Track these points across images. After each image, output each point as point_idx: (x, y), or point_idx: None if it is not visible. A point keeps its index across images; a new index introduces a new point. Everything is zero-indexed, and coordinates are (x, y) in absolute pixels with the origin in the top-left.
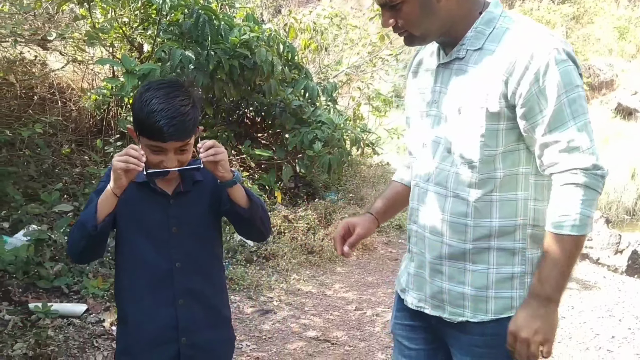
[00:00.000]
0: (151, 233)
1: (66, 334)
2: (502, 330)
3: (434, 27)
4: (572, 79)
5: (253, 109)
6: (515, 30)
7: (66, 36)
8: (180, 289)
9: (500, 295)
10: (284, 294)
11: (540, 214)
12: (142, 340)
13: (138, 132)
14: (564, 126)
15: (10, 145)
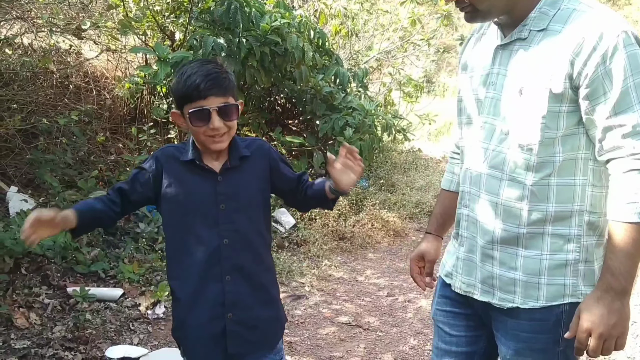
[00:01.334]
0: (199, 210)
1: (103, 317)
2: (552, 317)
3: (499, 3)
4: (639, 62)
5: (284, 96)
6: (582, 11)
7: (100, 25)
8: (227, 265)
9: (552, 282)
10: (315, 280)
11: (598, 200)
12: (191, 316)
13: (182, 104)
14: (630, 110)
15: (48, 134)
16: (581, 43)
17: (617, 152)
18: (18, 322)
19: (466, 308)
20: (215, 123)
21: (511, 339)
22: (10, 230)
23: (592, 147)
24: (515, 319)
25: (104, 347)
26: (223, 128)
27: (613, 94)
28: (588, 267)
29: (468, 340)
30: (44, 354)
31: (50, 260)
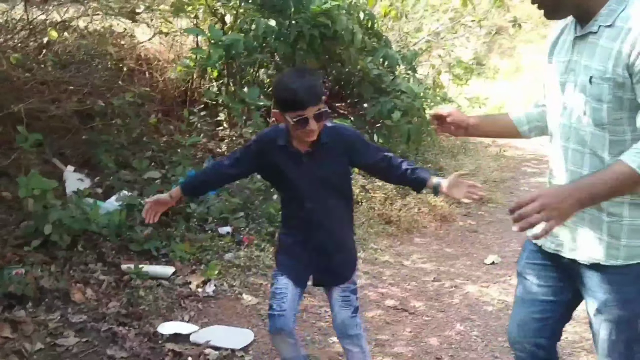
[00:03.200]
0: (289, 183)
1: (156, 294)
2: (632, 272)
3: (566, 2)
4: None
5: (332, 78)
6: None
7: (153, 8)
8: (313, 223)
9: (630, 244)
10: (361, 263)
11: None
12: (286, 247)
13: (283, 111)
14: None
15: (103, 115)
16: (637, 36)
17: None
18: (75, 297)
19: (554, 261)
20: (312, 127)
21: (598, 289)
22: (67, 209)
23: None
24: (599, 272)
25: (156, 323)
26: (316, 128)
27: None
28: None
29: (555, 290)
30: (100, 328)
31: (106, 238)
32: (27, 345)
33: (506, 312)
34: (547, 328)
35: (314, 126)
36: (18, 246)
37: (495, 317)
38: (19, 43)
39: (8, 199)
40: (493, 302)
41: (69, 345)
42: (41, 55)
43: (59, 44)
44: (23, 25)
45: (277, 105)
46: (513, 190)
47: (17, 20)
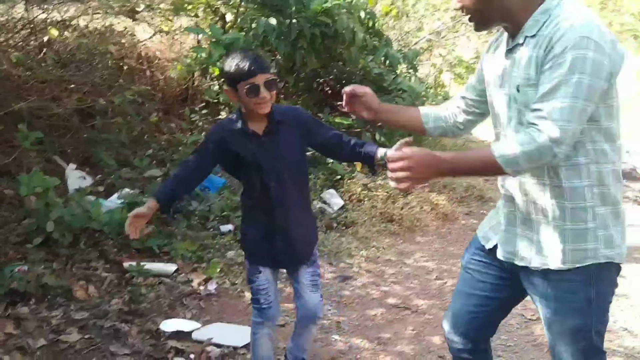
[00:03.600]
0: (250, 165)
1: (158, 292)
2: (578, 276)
3: (492, 14)
4: (584, 65)
5: (333, 77)
6: (560, 17)
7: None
8: (276, 202)
9: (576, 248)
10: (363, 261)
11: (605, 175)
12: (251, 235)
13: (236, 83)
14: (551, 100)
15: (103, 114)
16: (549, 42)
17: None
18: (77, 294)
19: (501, 263)
20: (264, 94)
21: (550, 299)
22: (69, 206)
23: (587, 132)
24: (550, 279)
25: (159, 321)
26: (268, 96)
27: (546, 86)
28: (606, 233)
29: (494, 287)
30: (102, 325)
31: (108, 236)
32: (30, 342)
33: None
34: (477, 321)
35: (266, 94)
36: (20, 244)
37: None
38: (19, 42)
39: (10, 197)
40: None
41: (72, 342)
42: (42, 54)
43: (59, 42)
44: (24, 24)
45: (228, 82)
46: None
47: (18, 19)
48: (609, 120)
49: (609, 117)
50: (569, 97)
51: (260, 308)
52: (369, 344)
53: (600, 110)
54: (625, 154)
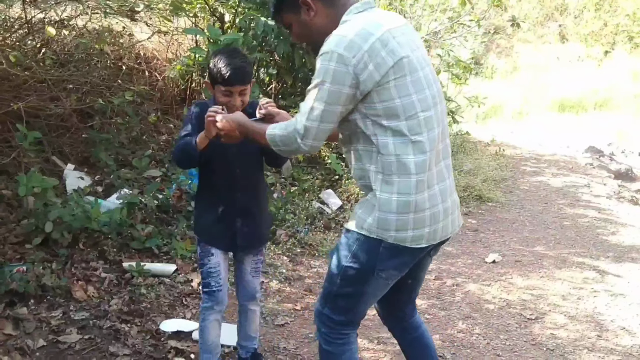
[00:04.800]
0: (217, 150)
1: (157, 292)
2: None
3: (316, 39)
4: (324, 74)
5: None
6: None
7: (152, 7)
8: (240, 186)
9: (359, 215)
10: None
11: (386, 164)
12: (210, 219)
13: (213, 83)
14: (304, 102)
15: (102, 114)
16: None
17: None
18: (77, 294)
19: None
20: (236, 102)
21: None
22: (68, 206)
23: (371, 127)
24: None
25: (158, 321)
26: (239, 104)
27: (308, 89)
28: (381, 215)
29: None
30: (102, 325)
31: (107, 236)
32: (30, 342)
33: (507, 310)
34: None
35: (237, 102)
36: (19, 244)
37: (496, 315)
38: (17, 41)
39: (8, 197)
40: (494, 300)
41: (71, 343)
42: (40, 53)
43: (57, 42)
44: (21, 24)
45: (209, 77)
46: (512, 189)
47: (15, 18)
48: (394, 118)
49: (393, 115)
50: (314, 100)
51: (210, 291)
52: (368, 343)
53: (377, 108)
54: (621, 155)
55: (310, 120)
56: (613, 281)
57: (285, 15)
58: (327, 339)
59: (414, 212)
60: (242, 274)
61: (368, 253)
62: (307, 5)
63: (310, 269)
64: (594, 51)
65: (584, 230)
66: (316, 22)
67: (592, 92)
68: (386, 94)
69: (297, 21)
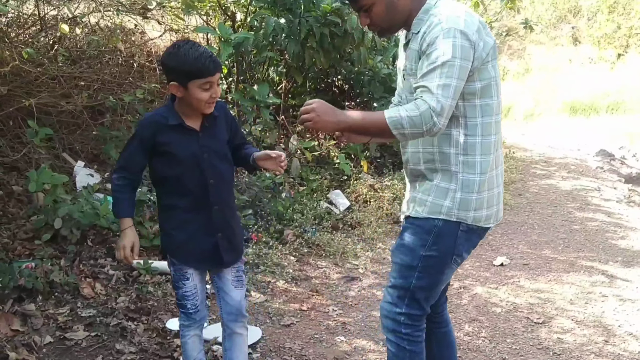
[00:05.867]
0: (187, 162)
1: (164, 290)
2: (426, 224)
3: (397, 21)
4: (453, 50)
5: (342, 77)
6: (434, 15)
7: (164, 5)
8: (215, 199)
9: (435, 202)
10: (369, 262)
11: (472, 146)
12: (186, 238)
13: (188, 79)
14: (431, 79)
15: (113, 111)
16: (423, 36)
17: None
18: (84, 291)
19: None
20: (217, 92)
21: (400, 237)
22: (77, 203)
23: (462, 108)
24: (407, 221)
25: (165, 319)
26: (219, 95)
27: (425, 68)
28: (464, 196)
29: None
30: (109, 322)
31: (115, 233)
32: (37, 339)
33: (515, 313)
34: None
35: (218, 92)
36: (28, 240)
37: (503, 318)
38: (30, 38)
39: (18, 193)
40: (502, 303)
41: (78, 339)
42: (52, 50)
43: (70, 39)
44: (34, 21)
45: (178, 77)
46: (522, 192)
47: (29, 15)
48: (487, 97)
49: (487, 94)
50: (446, 77)
51: (187, 312)
52: (374, 345)
53: (476, 87)
54: (632, 158)
55: (446, 97)
56: (622, 286)
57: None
58: (411, 339)
59: (487, 190)
60: (223, 285)
61: (448, 238)
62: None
63: (317, 269)
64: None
65: (593, 234)
66: (402, 2)
67: (604, 95)
68: (485, 73)
69: (383, 1)
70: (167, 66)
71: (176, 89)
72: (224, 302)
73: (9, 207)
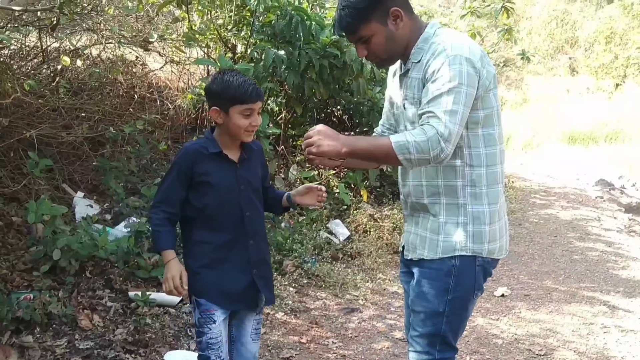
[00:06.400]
0: (225, 193)
1: (162, 322)
2: (443, 266)
3: (396, 51)
4: (459, 77)
5: (341, 108)
6: (436, 43)
7: (166, 37)
8: (250, 232)
9: (447, 240)
10: (369, 293)
11: (477, 177)
12: (219, 275)
13: (230, 104)
14: (438, 105)
15: (113, 142)
16: (427, 64)
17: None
18: (82, 323)
19: (409, 267)
20: (258, 121)
21: (416, 285)
22: (76, 234)
23: (465, 138)
24: (421, 267)
25: (163, 352)
26: (260, 122)
27: (431, 94)
28: (476, 229)
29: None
30: (106, 355)
31: (114, 265)
32: None
33: (516, 345)
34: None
35: (259, 121)
36: (27, 271)
37: (505, 350)
38: (32, 69)
39: (17, 224)
40: (503, 335)
41: None
42: (54, 82)
43: (71, 71)
44: (36, 53)
45: (221, 101)
46: (522, 222)
47: (31, 47)
48: (489, 126)
49: (489, 123)
50: (452, 103)
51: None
52: None
53: (479, 116)
54: (631, 188)
55: (454, 123)
56: (624, 317)
57: (370, 26)
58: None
59: (498, 220)
60: (240, 335)
61: (468, 275)
62: (398, 15)
63: (316, 301)
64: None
65: (593, 264)
66: (401, 32)
67: (602, 125)
68: (488, 102)
69: (382, 32)
70: (210, 91)
71: (217, 114)
72: (238, 353)
73: (8, 238)
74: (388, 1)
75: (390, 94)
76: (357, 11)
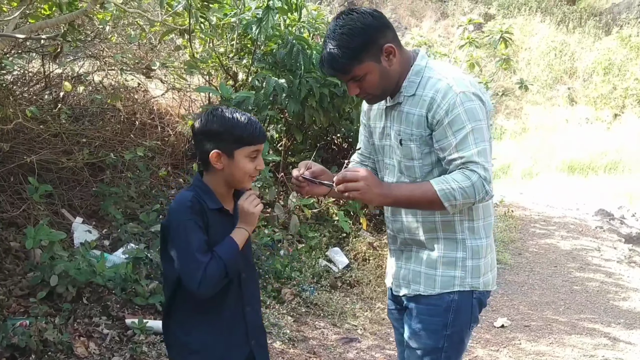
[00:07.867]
0: None
1: (159, 350)
2: (442, 302)
3: (389, 86)
4: (475, 114)
5: (341, 135)
6: (435, 78)
7: (168, 65)
8: (247, 297)
9: (444, 274)
10: (368, 323)
11: (474, 210)
12: (211, 344)
13: (237, 146)
14: (468, 148)
15: (113, 168)
16: (432, 101)
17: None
18: (78, 350)
19: (399, 303)
20: (262, 165)
21: (412, 320)
22: (74, 260)
23: (439, 169)
24: (418, 303)
25: None
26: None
27: (456, 137)
28: (474, 263)
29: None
30: None
31: (111, 291)
32: None
33: None
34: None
35: (263, 165)
36: (24, 297)
37: None
38: (34, 95)
39: (15, 250)
40: None
41: None
42: (56, 107)
43: (73, 97)
44: (39, 79)
45: (224, 144)
46: (521, 252)
47: (34, 73)
48: None
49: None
50: (480, 142)
51: None
52: None
53: None
54: (631, 218)
55: (487, 162)
56: (625, 349)
57: (364, 66)
58: None
59: (490, 252)
60: None
61: (465, 309)
62: (392, 51)
63: (315, 330)
64: (603, 114)
65: (594, 295)
66: (394, 68)
67: (601, 155)
68: (487, 133)
69: (377, 70)
70: (210, 132)
71: (218, 158)
72: None
73: (5, 263)
74: (380, 38)
75: (370, 123)
76: (351, 51)
